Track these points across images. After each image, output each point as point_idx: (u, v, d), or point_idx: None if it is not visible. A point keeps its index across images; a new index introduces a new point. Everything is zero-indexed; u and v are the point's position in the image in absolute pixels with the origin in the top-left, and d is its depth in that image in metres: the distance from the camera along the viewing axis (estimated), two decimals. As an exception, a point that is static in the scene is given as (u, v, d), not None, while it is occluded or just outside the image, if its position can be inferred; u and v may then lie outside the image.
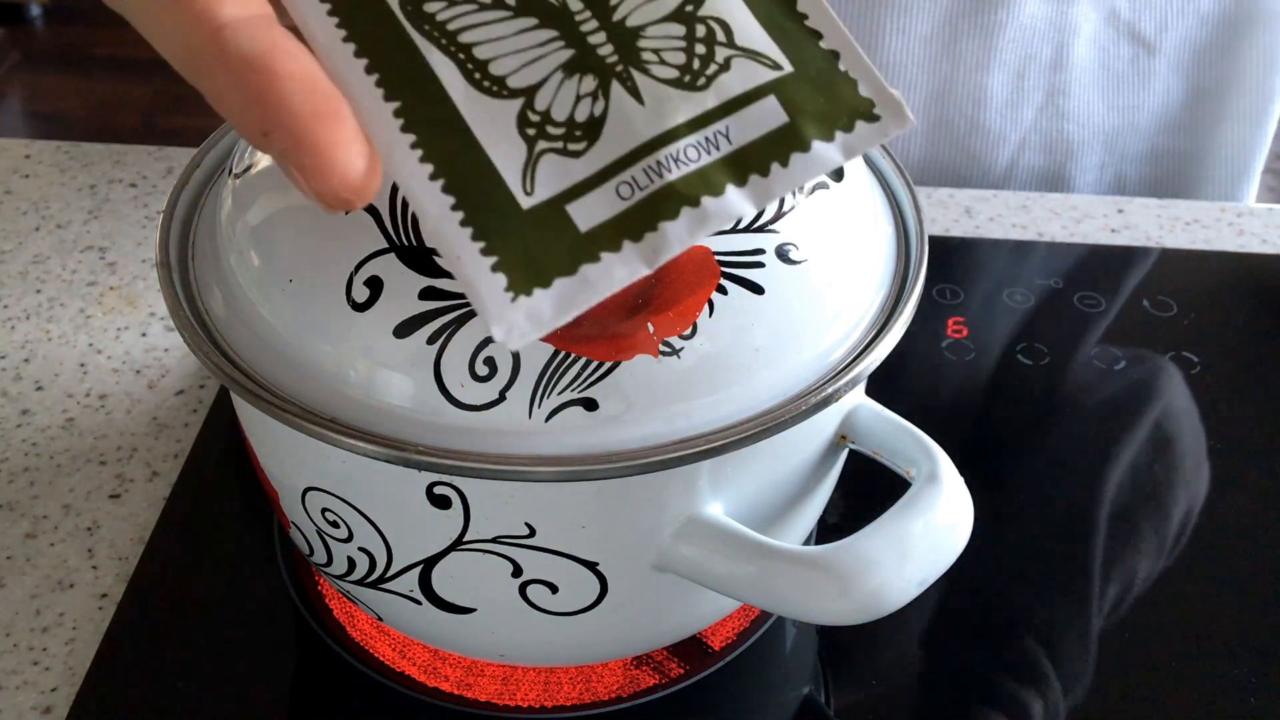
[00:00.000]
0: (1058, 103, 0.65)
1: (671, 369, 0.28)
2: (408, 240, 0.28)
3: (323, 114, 0.22)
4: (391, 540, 0.31)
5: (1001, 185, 0.67)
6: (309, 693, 0.38)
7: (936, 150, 0.66)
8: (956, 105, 0.65)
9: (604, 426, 0.28)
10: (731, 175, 0.24)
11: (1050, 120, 0.66)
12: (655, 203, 0.24)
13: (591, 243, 0.24)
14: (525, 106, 0.24)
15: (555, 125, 0.24)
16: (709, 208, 0.24)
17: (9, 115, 1.97)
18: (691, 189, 0.24)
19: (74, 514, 0.43)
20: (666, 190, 0.24)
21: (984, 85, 0.64)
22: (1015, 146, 0.66)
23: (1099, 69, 0.65)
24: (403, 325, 0.28)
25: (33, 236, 0.56)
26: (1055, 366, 0.50)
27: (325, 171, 0.22)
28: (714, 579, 0.30)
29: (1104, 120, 0.66)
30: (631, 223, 0.24)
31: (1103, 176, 0.68)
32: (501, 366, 0.28)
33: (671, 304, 0.28)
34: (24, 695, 0.38)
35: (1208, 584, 0.42)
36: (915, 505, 0.29)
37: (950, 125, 0.65)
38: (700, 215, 0.24)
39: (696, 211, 0.24)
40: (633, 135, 0.24)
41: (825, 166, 0.24)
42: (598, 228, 0.24)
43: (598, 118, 0.24)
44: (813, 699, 0.39)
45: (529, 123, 0.24)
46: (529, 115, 0.24)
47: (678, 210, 0.24)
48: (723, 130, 0.24)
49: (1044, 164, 0.67)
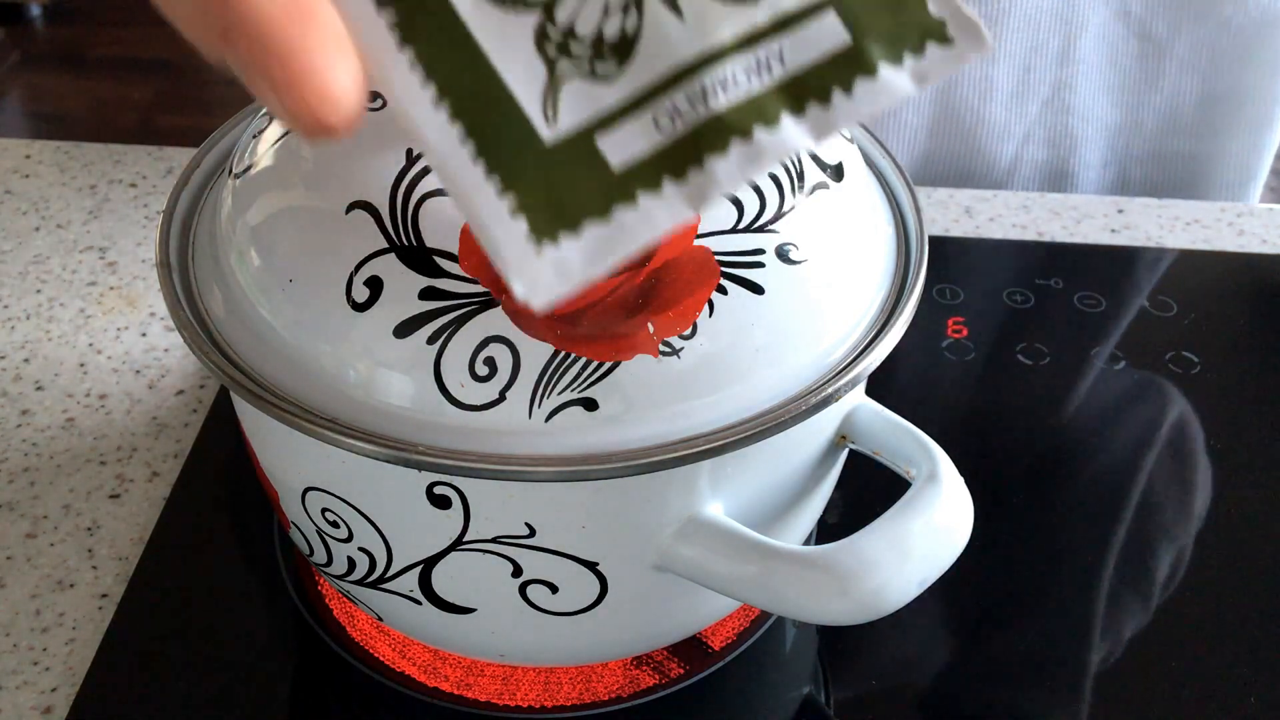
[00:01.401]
0: (1064, 97, 0.65)
1: (671, 369, 0.28)
2: (408, 240, 0.28)
3: (296, 11, 0.18)
4: (391, 540, 0.31)
5: (1006, 180, 0.67)
6: (309, 693, 0.38)
7: (941, 143, 0.66)
8: (962, 97, 0.65)
9: (604, 426, 0.28)
10: (788, 103, 0.21)
11: (1055, 114, 0.66)
12: (701, 135, 0.21)
13: (627, 182, 0.21)
14: (544, 19, 0.21)
15: (579, 43, 0.21)
16: (763, 141, 0.21)
17: (9, 115, 1.97)
18: (742, 119, 0.21)
19: (74, 514, 0.43)
20: (713, 120, 0.21)
21: (989, 77, 0.64)
22: (1019, 140, 0.66)
23: (1106, 65, 0.64)
24: (403, 325, 0.28)
25: (33, 236, 0.56)
26: (1055, 366, 0.50)
27: (299, 85, 0.19)
28: (714, 579, 0.30)
29: (1109, 117, 0.66)
30: (673, 159, 0.21)
31: (1105, 175, 0.68)
32: (501, 366, 0.28)
33: (671, 304, 0.28)
34: (24, 695, 0.38)
35: (1208, 583, 0.42)
36: (915, 505, 0.29)
37: (956, 118, 0.65)
38: (753, 150, 0.21)
39: (748, 146, 0.21)
40: (671, 55, 0.21)
41: (894, 96, 0.21)
42: (634, 165, 0.21)
43: (630, 35, 0.21)
44: (813, 699, 0.39)
45: (548, 39, 0.21)
46: (548, 30, 0.21)
47: (727, 143, 0.21)
48: (775, 51, 0.21)
49: (1048, 158, 0.67)
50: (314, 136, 0.19)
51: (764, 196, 0.30)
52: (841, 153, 0.33)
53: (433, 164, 0.21)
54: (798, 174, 0.31)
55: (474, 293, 0.28)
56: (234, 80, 0.20)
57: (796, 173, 0.31)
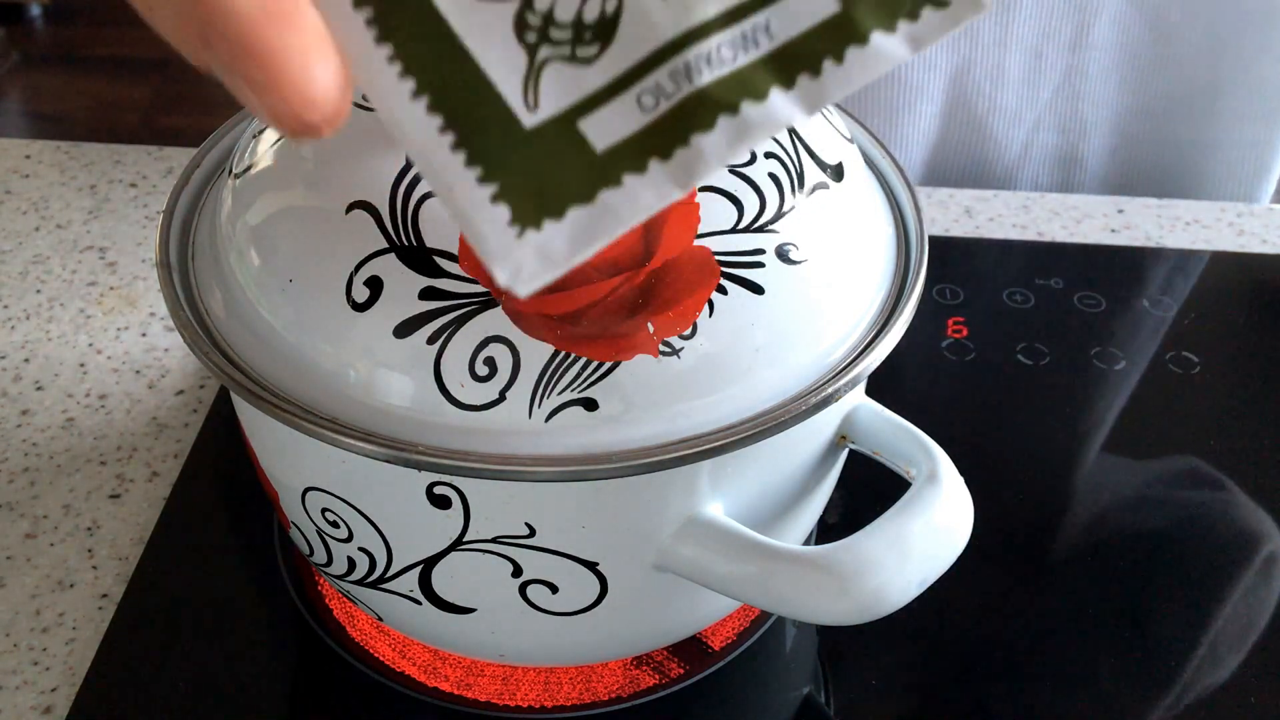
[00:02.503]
0: (1075, 83, 0.65)
1: (671, 369, 0.28)
2: (408, 240, 0.28)
3: (274, 13, 0.18)
4: (391, 540, 0.31)
5: (1017, 165, 0.67)
6: (309, 693, 0.38)
7: (954, 130, 0.66)
8: (974, 83, 0.65)
9: (604, 426, 0.28)
10: (776, 76, 0.20)
11: (1067, 100, 0.65)
12: (686, 112, 0.20)
13: (611, 164, 0.20)
14: (523, 6, 0.20)
15: (560, 27, 0.20)
16: (750, 116, 0.20)
17: (9, 115, 1.97)
18: (729, 94, 0.20)
19: (74, 514, 0.43)
20: (698, 97, 0.20)
21: (1001, 64, 0.64)
22: (1030, 126, 0.66)
23: (1118, 50, 0.64)
24: (403, 325, 0.28)
25: (33, 236, 0.56)
26: (1055, 366, 0.50)
27: (281, 86, 0.19)
28: (714, 579, 0.30)
29: (1120, 103, 0.66)
30: (658, 138, 0.20)
31: (1114, 160, 0.68)
32: (501, 367, 0.28)
33: (671, 304, 0.28)
34: (24, 695, 0.38)
35: (1208, 583, 0.42)
36: (915, 505, 0.29)
37: (968, 104, 0.65)
38: (740, 125, 0.20)
39: (735, 120, 0.20)
40: (654, 34, 0.20)
41: (887, 62, 0.21)
42: (618, 145, 0.20)
43: (610, 15, 0.20)
44: (813, 699, 0.39)
45: (528, 26, 0.20)
46: (527, 17, 0.20)
47: (713, 119, 0.20)
48: (762, 24, 0.20)
49: (1058, 144, 0.67)
50: (298, 136, 0.19)
51: (764, 196, 0.30)
52: (841, 153, 0.33)
53: (413, 158, 0.20)
54: (798, 174, 0.31)
55: (474, 293, 0.28)
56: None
57: (796, 173, 0.31)
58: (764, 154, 0.31)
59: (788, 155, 0.31)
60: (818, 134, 0.33)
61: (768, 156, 0.31)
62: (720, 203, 0.30)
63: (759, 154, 0.31)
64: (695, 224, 0.29)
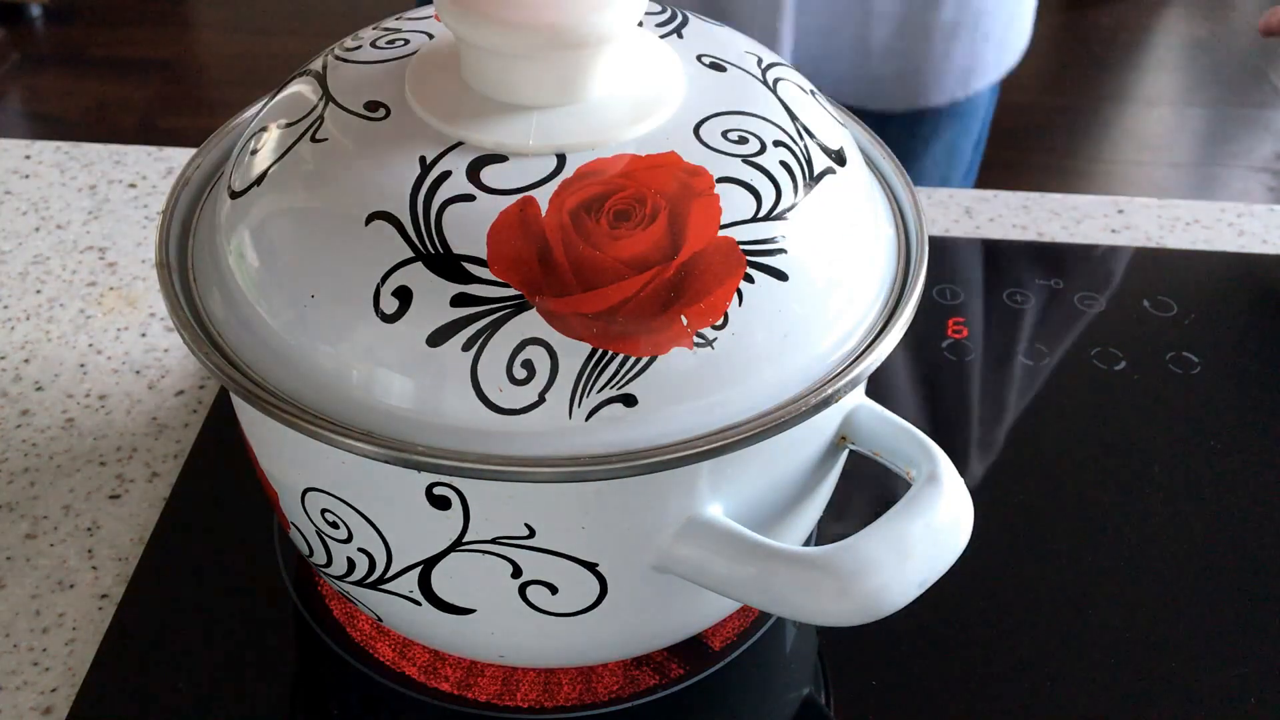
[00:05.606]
0: None
1: (706, 360, 0.28)
2: (434, 248, 0.28)
3: None
4: (391, 541, 0.31)
5: None
6: (309, 693, 0.38)
7: None
8: None
9: (644, 421, 0.28)
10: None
11: None
12: None
13: None
14: None
15: None
16: None
17: (9, 115, 1.97)
18: None
19: (74, 514, 0.43)
20: None
21: None
22: None
23: None
24: (436, 333, 0.28)
25: (33, 236, 0.56)
26: (1055, 366, 0.50)
27: None
28: (714, 580, 0.30)
29: None
30: None
31: None
32: (540, 369, 0.28)
33: (702, 295, 0.28)
34: (24, 695, 0.38)
35: (1208, 583, 0.42)
36: (915, 506, 0.29)
37: None
38: None
39: None
40: None
41: None
42: None
43: None
44: (813, 699, 0.39)
45: None
46: None
47: None
48: None
49: None
50: None
51: (779, 185, 0.30)
52: (840, 137, 0.33)
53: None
54: (806, 161, 0.31)
55: (507, 296, 0.28)
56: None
57: (805, 160, 0.31)
58: (773, 142, 0.31)
59: (795, 142, 0.31)
60: (816, 118, 0.33)
61: (776, 145, 0.31)
62: (738, 192, 0.30)
63: (768, 143, 0.31)
64: (717, 215, 0.29)
